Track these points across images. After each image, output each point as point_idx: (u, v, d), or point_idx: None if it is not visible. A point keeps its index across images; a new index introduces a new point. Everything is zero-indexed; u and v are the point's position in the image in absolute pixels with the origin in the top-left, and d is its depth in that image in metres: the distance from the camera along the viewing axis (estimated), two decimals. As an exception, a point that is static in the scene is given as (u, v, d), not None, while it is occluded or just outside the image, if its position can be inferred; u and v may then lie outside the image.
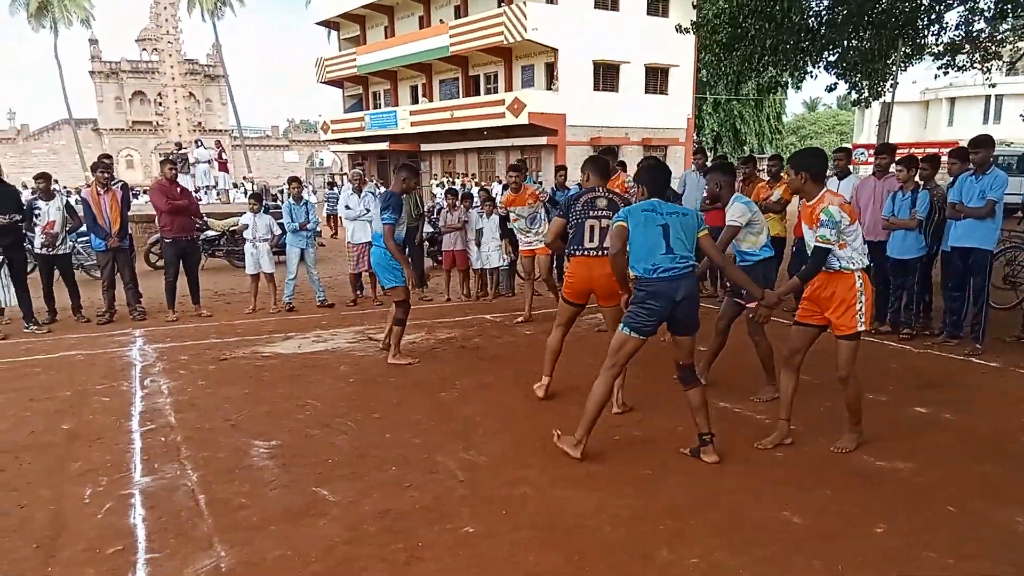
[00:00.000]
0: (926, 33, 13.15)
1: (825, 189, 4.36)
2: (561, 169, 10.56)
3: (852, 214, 4.27)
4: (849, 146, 13.58)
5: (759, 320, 4.83)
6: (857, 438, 4.55)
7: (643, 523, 3.63)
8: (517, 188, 8.46)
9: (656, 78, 32.09)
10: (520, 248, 8.85)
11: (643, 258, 4.21)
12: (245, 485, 4.12)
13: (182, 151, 22.12)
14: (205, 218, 12.86)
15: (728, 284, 6.06)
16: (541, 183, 16.78)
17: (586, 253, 5.09)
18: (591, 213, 5.07)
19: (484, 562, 3.30)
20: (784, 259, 9.00)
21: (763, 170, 13.74)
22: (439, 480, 4.17)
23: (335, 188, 20.93)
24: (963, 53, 13.82)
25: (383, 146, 37.29)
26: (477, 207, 10.13)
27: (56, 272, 8.59)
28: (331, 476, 4.23)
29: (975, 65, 14.39)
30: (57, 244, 8.43)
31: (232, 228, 12.95)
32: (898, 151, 8.25)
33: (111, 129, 54.58)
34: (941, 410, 5.27)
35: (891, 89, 14.81)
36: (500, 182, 24.47)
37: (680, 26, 13.70)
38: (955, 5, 12.83)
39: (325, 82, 42.17)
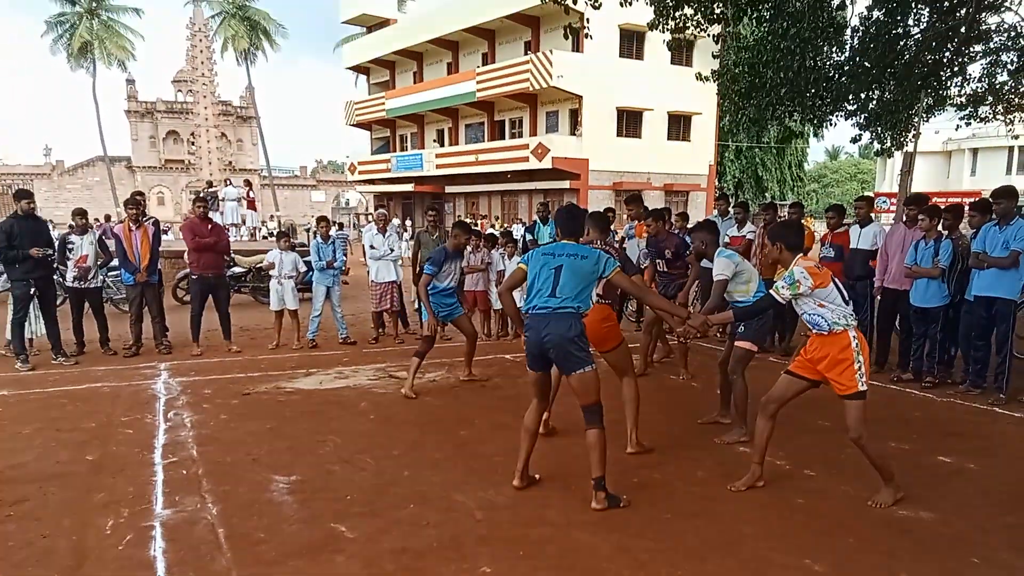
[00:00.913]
0: (948, 85, 13.19)
1: (798, 257, 4.46)
2: (604, 213, 10.66)
3: (819, 278, 4.28)
4: (871, 194, 13.57)
5: (681, 335, 4.93)
6: (895, 492, 4.42)
7: (662, 567, 3.61)
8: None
9: (679, 125, 32.44)
10: None
11: (528, 296, 4.44)
12: (264, 519, 4.15)
13: (212, 189, 22.54)
14: (232, 255, 13.06)
15: (727, 326, 6.14)
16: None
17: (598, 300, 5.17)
18: None
19: (501, 602, 3.29)
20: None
21: (783, 217, 13.75)
22: (457, 519, 4.17)
23: (342, 229, 21.13)
24: (986, 104, 13.86)
25: (408, 187, 37.83)
26: (500, 249, 10.21)
27: (86, 305, 8.75)
28: (350, 512, 4.25)
29: (998, 117, 14.41)
30: (89, 278, 8.62)
31: (258, 265, 13.13)
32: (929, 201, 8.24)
33: (144, 167, 55.74)
34: (965, 459, 5.20)
35: (913, 139, 14.83)
36: (522, 223, 24.66)
37: (700, 74, 13.87)
38: (978, 58, 12.91)
39: (354, 124, 43.07)
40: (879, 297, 7.81)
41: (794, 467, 5.03)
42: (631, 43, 30.19)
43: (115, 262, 9.15)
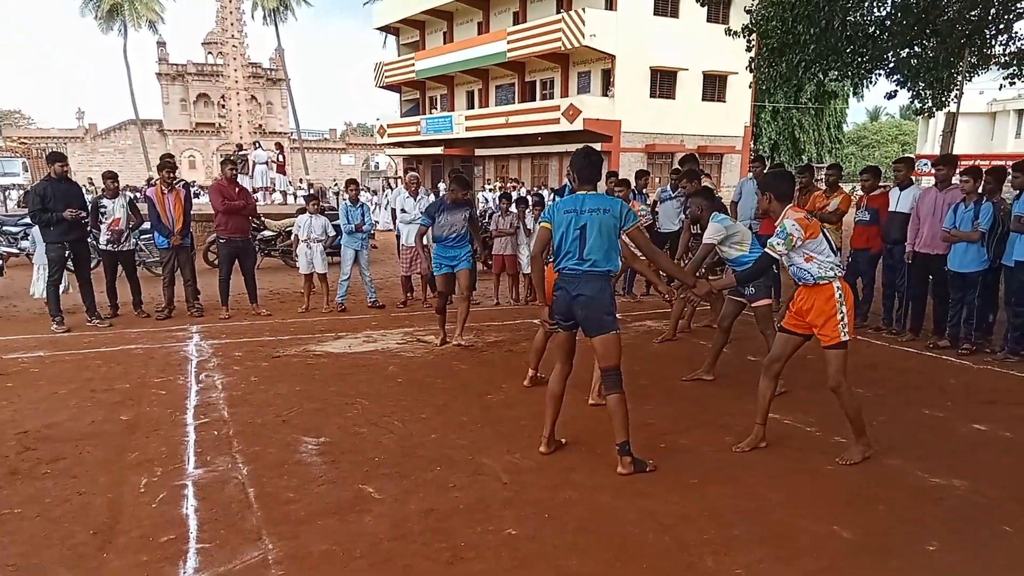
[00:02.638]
0: (993, 43, 12.73)
1: (788, 207, 4.41)
2: (612, 175, 10.51)
3: (810, 229, 4.29)
4: (911, 156, 13.22)
5: (685, 299, 4.89)
6: (864, 451, 4.47)
7: (688, 531, 3.60)
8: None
9: (714, 85, 31.77)
10: None
11: (556, 257, 4.36)
12: (294, 480, 4.20)
13: (242, 152, 22.67)
14: (261, 218, 13.15)
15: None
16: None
17: None
18: None
19: (526, 564, 3.30)
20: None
21: (820, 180, 13.47)
22: (483, 482, 4.19)
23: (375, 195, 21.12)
24: (1032, 63, 13.35)
25: (438, 150, 37.66)
26: (529, 212, 10.13)
27: (119, 268, 8.88)
28: (377, 474, 4.28)
29: (1045, 76, 13.88)
30: (122, 240, 8.72)
31: (288, 228, 13.22)
32: (959, 163, 8.03)
33: (175, 130, 56.19)
34: (1000, 428, 5.10)
35: (955, 99, 14.37)
36: (551, 189, 24.45)
37: (730, 30, 13.52)
38: (1024, 14, 12.41)
39: (383, 86, 42.81)
40: (910, 262, 7.60)
41: (824, 433, 4.97)
42: (665, 0, 29.51)
43: (147, 225, 9.24)
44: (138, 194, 19.05)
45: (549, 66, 32.09)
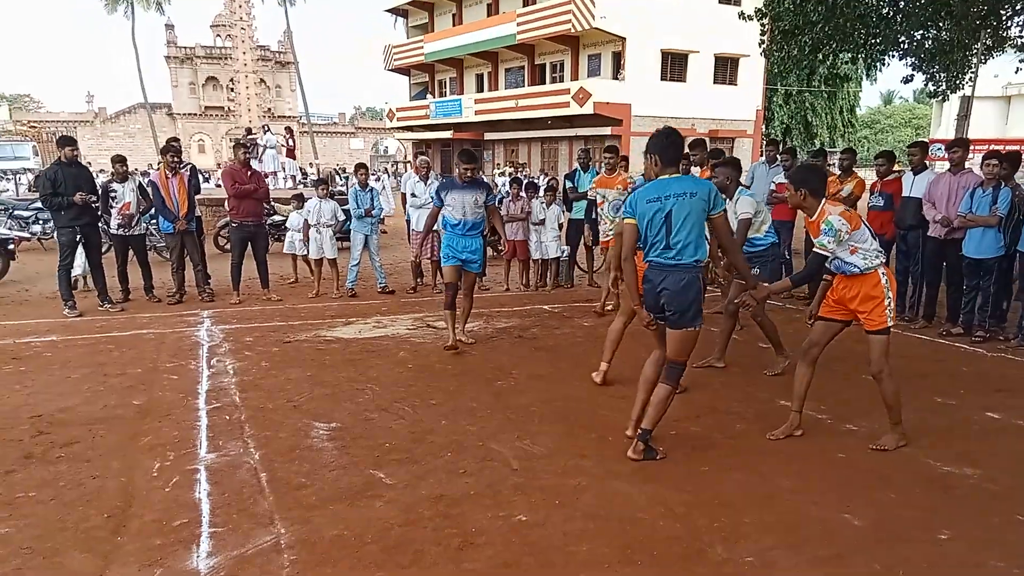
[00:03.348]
0: (1009, 24, 12.55)
1: (824, 202, 4.34)
2: (623, 160, 10.43)
3: (853, 221, 4.25)
4: (925, 140, 13.07)
5: (743, 304, 4.79)
6: (899, 439, 4.46)
7: (698, 518, 3.60)
8: (612, 169, 8.27)
9: (726, 68, 31.47)
10: (601, 239, 8.55)
11: (647, 252, 4.19)
12: (305, 465, 4.22)
13: (251, 136, 22.64)
14: (272, 203, 13.15)
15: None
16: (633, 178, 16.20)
17: None
18: None
19: (536, 550, 3.31)
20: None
21: (833, 164, 13.37)
22: (494, 468, 4.20)
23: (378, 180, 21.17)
24: (1049, 46, 13.18)
25: (447, 134, 37.54)
26: (539, 198, 10.10)
27: (131, 252, 8.89)
28: (388, 459, 4.30)
29: (1062, 59, 13.70)
30: (133, 225, 8.74)
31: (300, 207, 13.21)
32: (973, 147, 7.94)
33: (184, 114, 56.20)
34: (1013, 416, 5.07)
35: (971, 82, 14.20)
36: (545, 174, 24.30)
37: (743, 13, 13.39)
38: (1043, -5, 12.22)
39: (392, 69, 42.61)
40: (942, 228, 7.43)
41: (835, 421, 4.96)
42: (677, -19, 29.21)
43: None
44: (143, 178, 19.10)
45: (559, 48, 31.85)
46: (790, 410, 4.67)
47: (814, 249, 4.38)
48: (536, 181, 15.75)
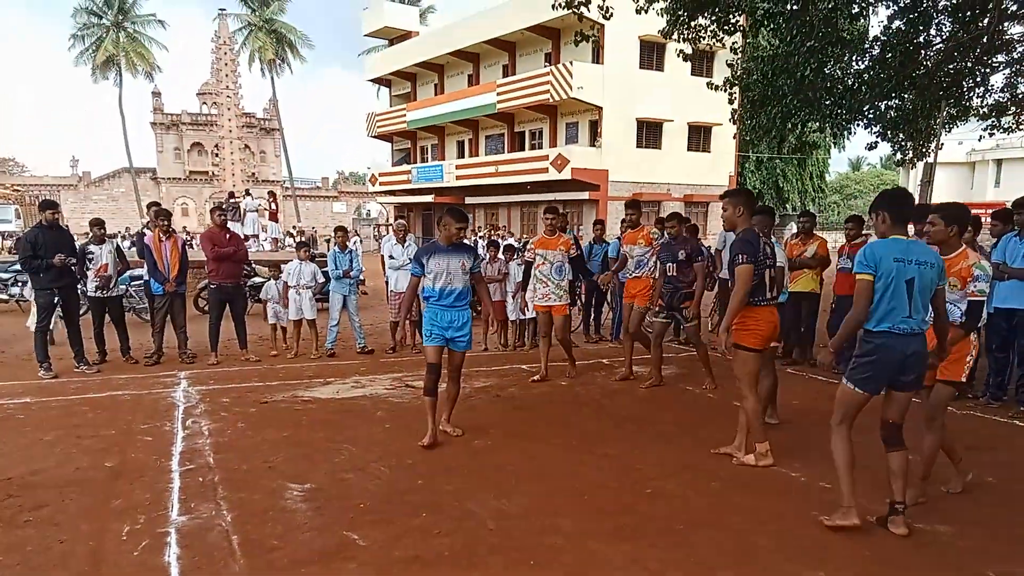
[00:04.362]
0: (970, 95, 13.06)
1: (965, 244, 4.36)
2: (599, 223, 10.64)
3: None
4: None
5: (824, 363, 4.83)
6: (919, 494, 4.46)
7: (673, 578, 3.59)
8: (552, 231, 8.12)
9: (699, 136, 32.39)
10: (534, 302, 8.30)
11: (882, 317, 3.93)
12: (278, 526, 4.17)
13: (233, 200, 22.84)
14: (253, 265, 13.19)
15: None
16: (577, 235, 16.53)
17: (769, 303, 5.18)
18: (767, 262, 5.16)
19: (510, 611, 3.29)
20: (819, 314, 8.95)
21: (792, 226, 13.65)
22: (470, 528, 4.17)
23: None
24: (1009, 115, 13.69)
25: (429, 198, 37.99)
26: (517, 260, 10.22)
27: (107, 314, 8.86)
28: (363, 520, 4.26)
29: (1022, 127, 14.23)
30: (110, 286, 8.75)
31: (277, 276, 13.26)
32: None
33: (169, 178, 56.54)
34: (984, 472, 5.12)
35: (934, 150, 14.68)
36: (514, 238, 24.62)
37: (711, 83, 13.83)
38: (1000, 68, 12.76)
39: (375, 136, 43.36)
40: None
41: (809, 479, 4.99)
42: (651, 54, 30.18)
43: (137, 271, 9.28)
44: (134, 238, 19.12)
45: (538, 117, 32.65)
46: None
47: (970, 298, 4.31)
48: (514, 243, 15.95)
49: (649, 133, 31.15)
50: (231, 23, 43.39)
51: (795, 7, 10.65)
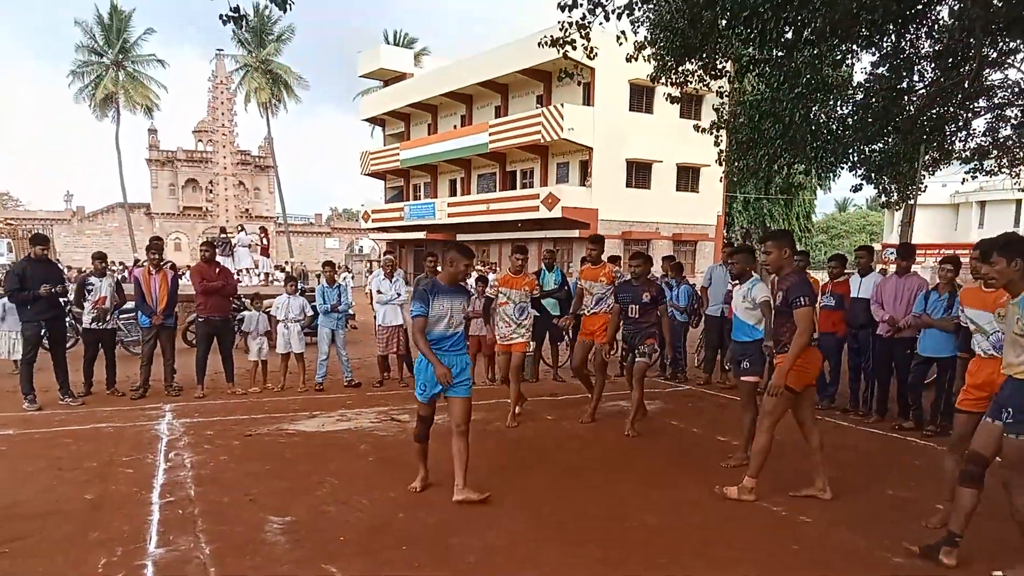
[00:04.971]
0: (953, 139, 13.33)
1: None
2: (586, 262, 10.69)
3: None
4: (872, 245, 13.63)
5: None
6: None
7: (650, 610, 3.60)
8: (518, 271, 8.02)
9: (687, 176, 32.81)
10: (498, 342, 8.12)
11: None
12: (257, 559, 4.16)
13: (224, 236, 22.92)
14: (242, 299, 13.20)
15: (729, 360, 6.29)
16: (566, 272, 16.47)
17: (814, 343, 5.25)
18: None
19: (486, 642, 3.28)
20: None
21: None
22: (449, 561, 4.17)
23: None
24: (991, 158, 13.96)
25: (421, 235, 38.21)
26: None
27: (100, 347, 8.86)
28: (342, 553, 4.25)
29: (1003, 170, 14.50)
30: (106, 319, 8.78)
31: (267, 310, 13.26)
32: (924, 252, 8.36)
33: (163, 213, 56.62)
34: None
35: (916, 192, 14.93)
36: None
37: (698, 126, 14.06)
38: (982, 113, 13.06)
39: (369, 174, 43.72)
40: (889, 330, 7.68)
41: (790, 513, 5.00)
42: (640, 97, 30.68)
43: (129, 305, 9.31)
44: (125, 273, 19.14)
45: (529, 156, 33.06)
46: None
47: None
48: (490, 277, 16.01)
49: (639, 173, 31.56)
50: (228, 63, 43.98)
51: (780, 54, 10.90)
